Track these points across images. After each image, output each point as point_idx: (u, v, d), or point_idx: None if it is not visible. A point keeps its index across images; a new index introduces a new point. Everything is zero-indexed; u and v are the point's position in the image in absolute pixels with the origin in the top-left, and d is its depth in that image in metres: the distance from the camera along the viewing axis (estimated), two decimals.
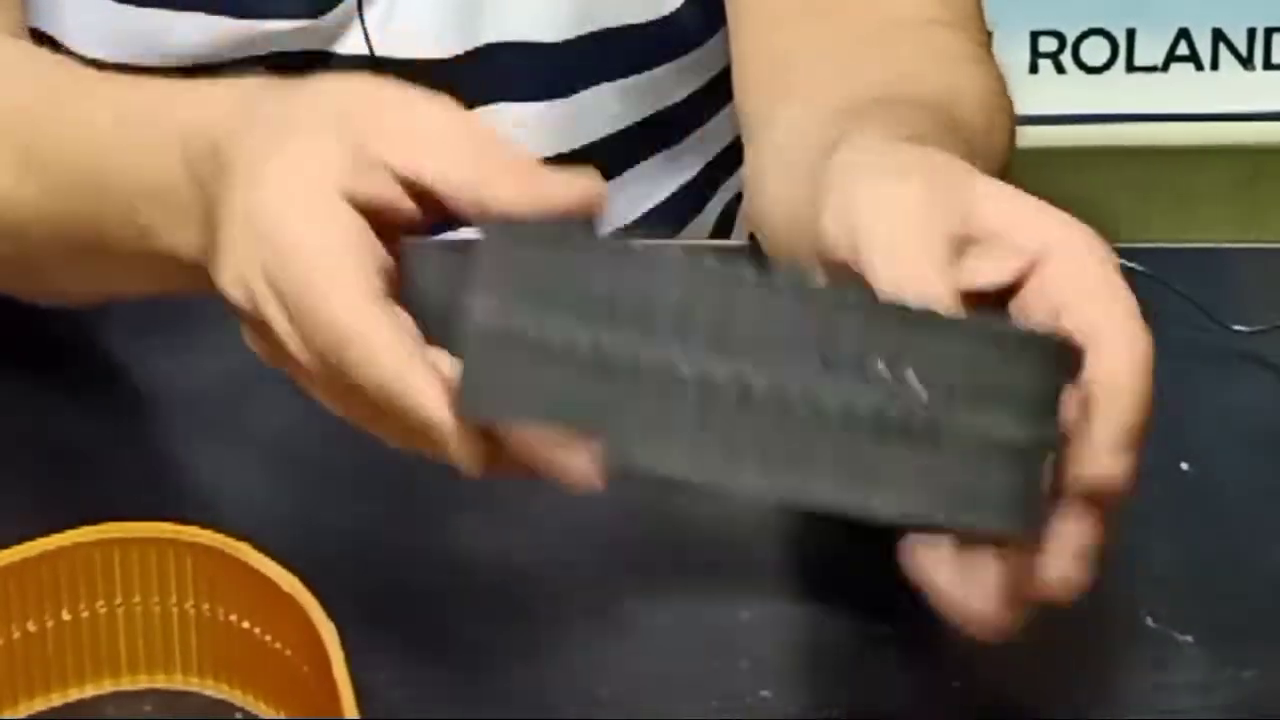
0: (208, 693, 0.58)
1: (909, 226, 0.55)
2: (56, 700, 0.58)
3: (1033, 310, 0.55)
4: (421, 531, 0.66)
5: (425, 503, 0.67)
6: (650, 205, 0.90)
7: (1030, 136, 0.76)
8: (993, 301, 0.55)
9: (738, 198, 0.94)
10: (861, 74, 0.73)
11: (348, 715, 0.52)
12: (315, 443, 0.70)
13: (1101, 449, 0.53)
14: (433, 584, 0.63)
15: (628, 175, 0.89)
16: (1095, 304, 0.54)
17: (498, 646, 0.60)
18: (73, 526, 0.58)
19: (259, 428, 0.70)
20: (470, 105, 0.84)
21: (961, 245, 0.55)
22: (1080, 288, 0.55)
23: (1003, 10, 0.81)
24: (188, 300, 0.78)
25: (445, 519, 0.66)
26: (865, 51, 0.75)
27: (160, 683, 0.58)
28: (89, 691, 0.58)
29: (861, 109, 0.68)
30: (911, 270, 0.54)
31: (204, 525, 0.58)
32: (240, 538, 0.57)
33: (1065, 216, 0.56)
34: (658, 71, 0.87)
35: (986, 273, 0.55)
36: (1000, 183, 0.57)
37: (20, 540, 0.57)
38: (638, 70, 0.86)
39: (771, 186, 0.74)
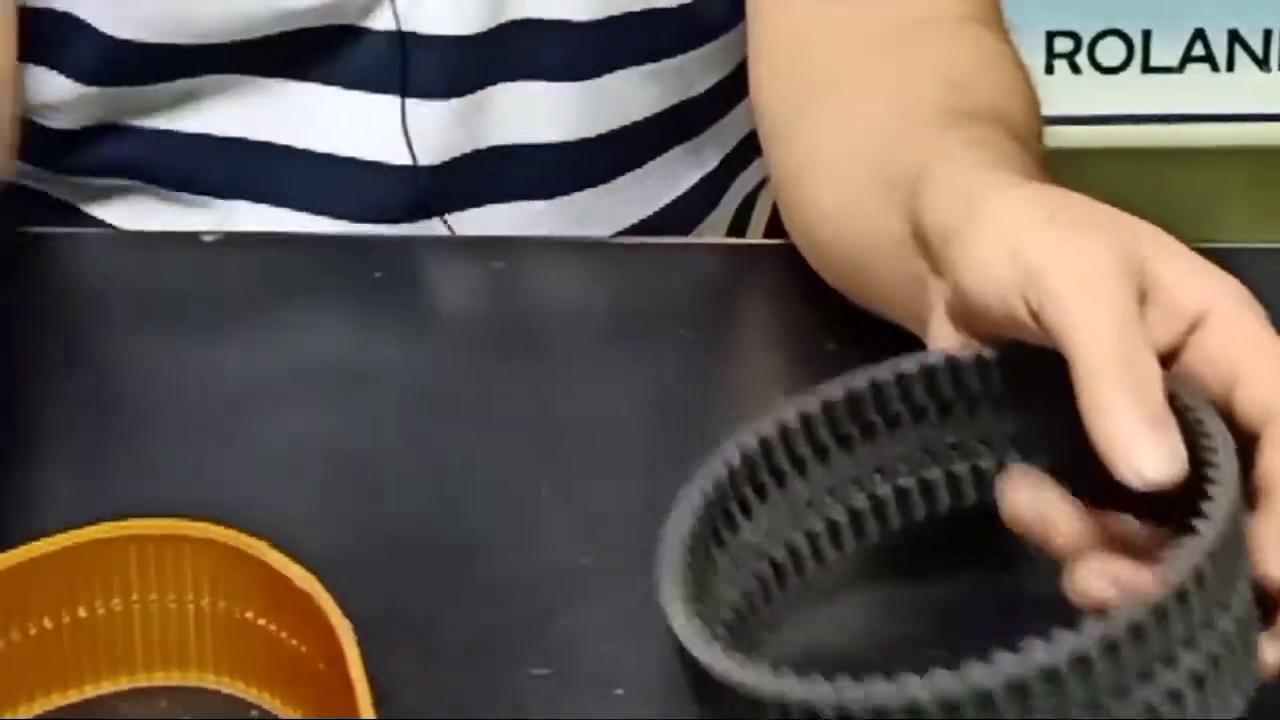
0: (224, 690, 0.58)
1: (1106, 290, 0.53)
2: (73, 697, 0.58)
3: (1198, 376, 0.54)
4: (440, 531, 0.66)
5: (444, 503, 0.67)
6: (672, 197, 0.90)
7: (1046, 137, 0.76)
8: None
9: (753, 193, 0.94)
10: (907, 77, 0.72)
11: (364, 714, 0.52)
12: (335, 442, 0.70)
13: (1267, 550, 0.51)
14: (452, 584, 0.63)
15: (651, 165, 0.89)
16: (1264, 379, 0.53)
17: (516, 647, 0.60)
18: (89, 523, 0.58)
19: (278, 426, 0.70)
20: (496, 83, 0.84)
21: (1140, 298, 0.54)
22: (1248, 359, 0.53)
23: (1018, 10, 0.81)
24: (212, 297, 0.78)
25: (465, 519, 0.66)
26: (900, 50, 0.74)
27: (176, 680, 0.58)
28: (105, 688, 0.58)
29: (929, 122, 0.67)
30: (1119, 338, 0.52)
31: (221, 523, 0.58)
32: (258, 536, 0.57)
33: (1223, 275, 0.55)
34: (684, 58, 0.87)
35: (1154, 334, 0.53)
36: (1162, 235, 0.56)
37: (37, 536, 0.57)
38: (664, 55, 0.86)
39: (823, 192, 0.73)
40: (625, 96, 0.86)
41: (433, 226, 0.85)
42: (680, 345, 0.76)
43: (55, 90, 0.84)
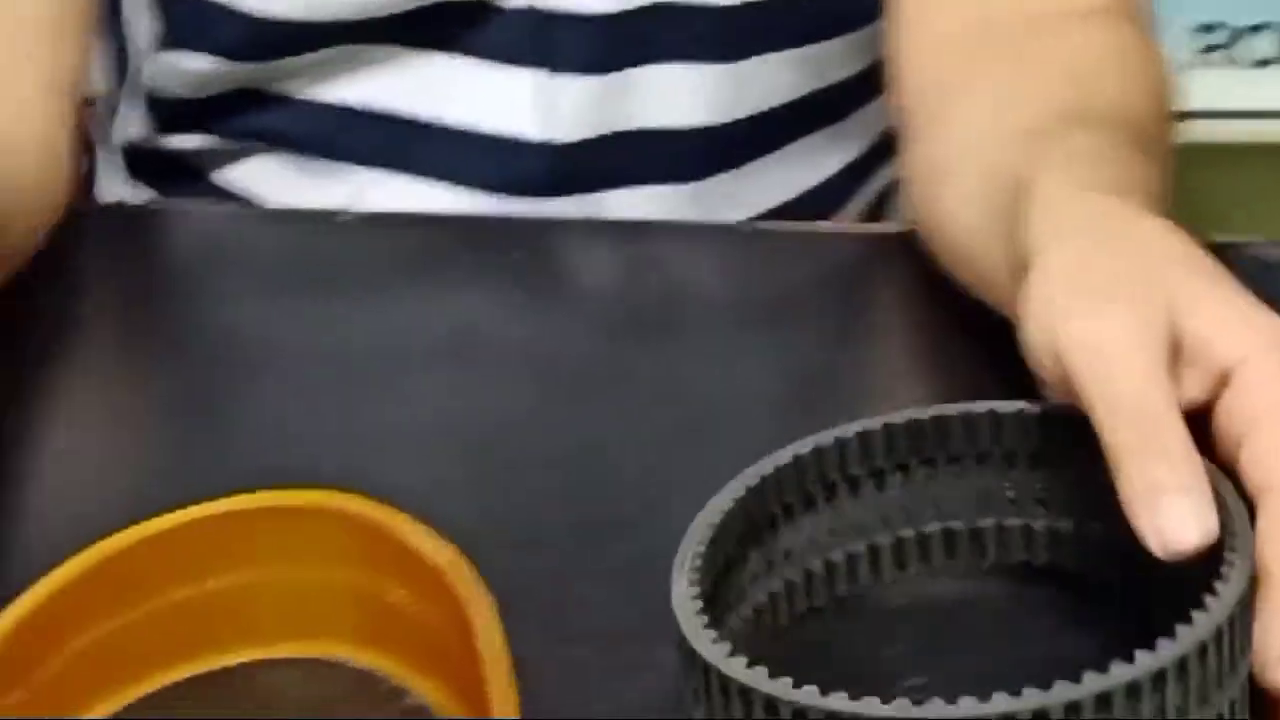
0: (353, 663, 0.58)
1: (1124, 362, 0.52)
2: (208, 666, 0.58)
3: (1223, 434, 0.52)
4: (572, 510, 0.66)
5: (577, 482, 0.67)
6: (812, 183, 0.90)
7: (1192, 131, 0.75)
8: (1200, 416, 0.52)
9: (895, 183, 0.94)
10: (1030, 78, 0.72)
11: (496, 690, 0.52)
12: (468, 418, 0.71)
13: (1269, 650, 0.49)
14: (585, 562, 0.63)
15: (792, 149, 0.89)
16: (1265, 444, 0.51)
17: (649, 626, 0.60)
18: (230, 493, 0.58)
19: (413, 401, 0.71)
20: (637, 64, 0.84)
21: (1173, 357, 0.53)
22: (1259, 418, 0.51)
23: (1168, 3, 0.81)
24: (349, 274, 0.79)
25: (597, 499, 0.66)
26: (1029, 46, 0.74)
27: (310, 652, 0.58)
28: (240, 658, 0.58)
29: (1040, 131, 0.67)
30: (1139, 408, 0.51)
31: (363, 494, 0.58)
32: (398, 507, 0.57)
33: (1262, 323, 0.53)
34: (828, 44, 0.86)
35: (1184, 392, 0.52)
36: (1205, 281, 0.54)
37: (171, 506, 0.57)
38: (808, 41, 0.86)
39: (944, 196, 0.73)
40: (767, 81, 0.86)
41: (567, 205, 0.85)
42: (813, 331, 0.76)
43: (195, 68, 0.85)
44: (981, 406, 0.57)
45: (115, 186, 0.92)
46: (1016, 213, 0.61)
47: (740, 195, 0.88)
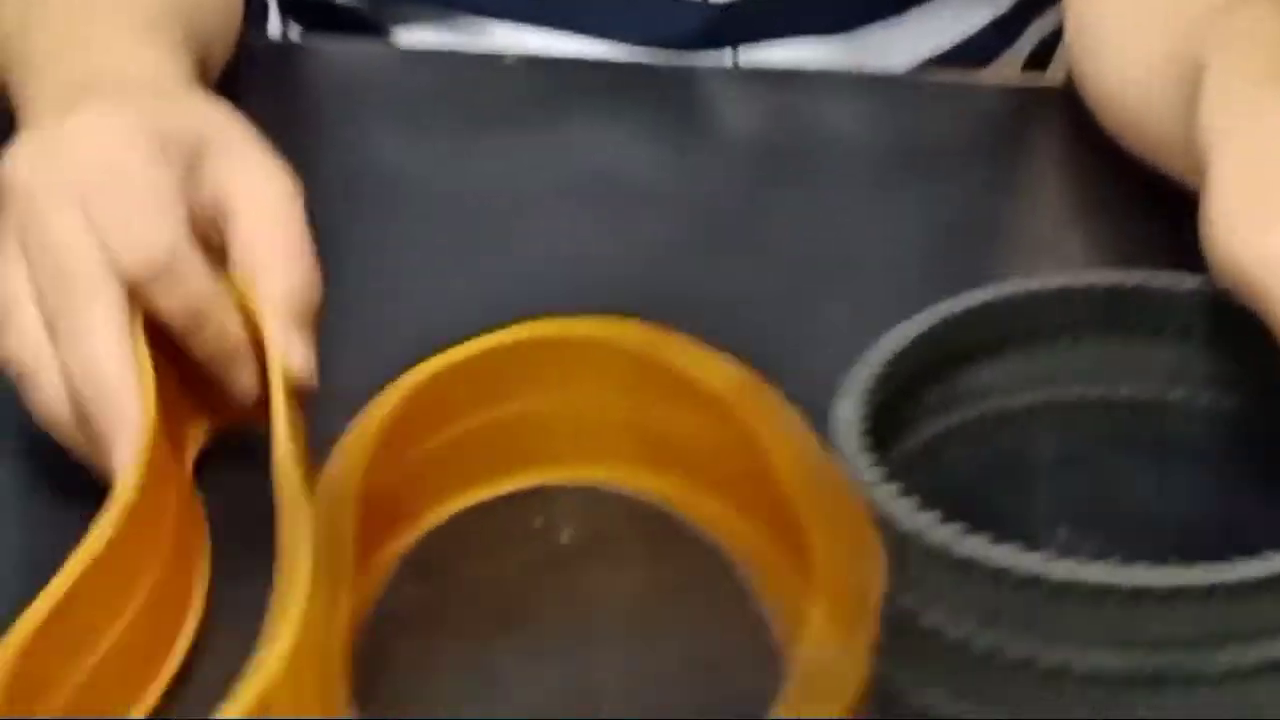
0: (637, 491, 0.58)
1: None
2: (496, 491, 0.58)
3: None
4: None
5: (723, 327, 0.64)
6: (961, 36, 0.89)
7: None
8: None
9: (1053, 36, 0.94)
10: None
11: (802, 508, 0.52)
12: (623, 255, 0.71)
13: None
14: None
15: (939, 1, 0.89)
16: None
17: None
18: (509, 323, 0.58)
19: (559, 238, 0.72)
20: None
21: None
22: None
23: None
24: (510, 112, 0.79)
25: (743, 346, 0.64)
26: None
27: (585, 479, 0.59)
28: (527, 482, 0.58)
29: (1217, 8, 0.66)
30: None
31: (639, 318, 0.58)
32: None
33: None
34: None
35: None
36: None
37: (459, 339, 0.57)
38: None
39: (1116, 61, 0.72)
40: None
41: (721, 58, 0.85)
42: (962, 184, 0.76)
43: None
44: (1186, 280, 0.57)
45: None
46: (1194, 98, 0.60)
47: (887, 49, 0.88)
